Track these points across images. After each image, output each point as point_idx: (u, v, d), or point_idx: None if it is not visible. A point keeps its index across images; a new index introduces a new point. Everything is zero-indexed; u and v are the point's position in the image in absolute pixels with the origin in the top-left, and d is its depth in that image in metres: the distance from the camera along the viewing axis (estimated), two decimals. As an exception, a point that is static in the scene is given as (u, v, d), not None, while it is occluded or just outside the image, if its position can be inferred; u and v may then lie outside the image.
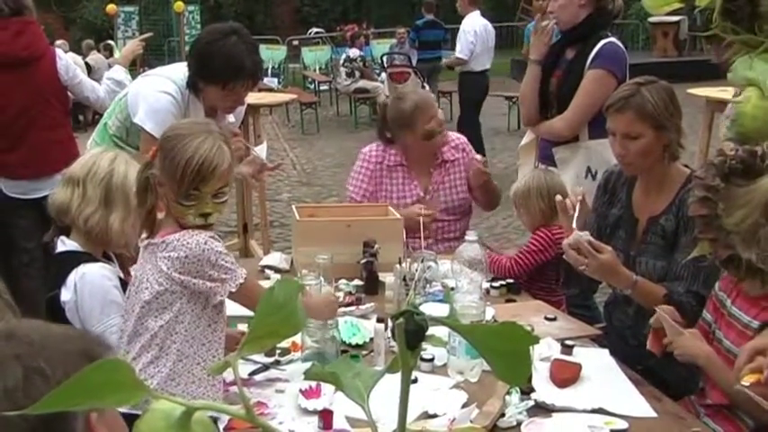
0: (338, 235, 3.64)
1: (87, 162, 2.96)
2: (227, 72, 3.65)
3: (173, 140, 2.47)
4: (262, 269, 3.87)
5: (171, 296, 2.44)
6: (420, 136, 4.14)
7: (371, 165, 4.30)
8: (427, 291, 3.34)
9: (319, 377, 0.83)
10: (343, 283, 3.51)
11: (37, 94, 4.94)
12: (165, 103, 3.75)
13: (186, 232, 2.43)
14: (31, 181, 4.95)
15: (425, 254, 3.52)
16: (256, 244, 6.52)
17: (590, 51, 4.23)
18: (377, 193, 4.27)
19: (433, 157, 4.28)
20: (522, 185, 3.89)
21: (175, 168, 2.44)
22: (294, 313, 0.84)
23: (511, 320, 0.71)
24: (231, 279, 2.45)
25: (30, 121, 4.92)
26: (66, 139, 5.11)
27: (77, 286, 2.79)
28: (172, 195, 2.47)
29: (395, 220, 3.77)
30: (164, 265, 2.42)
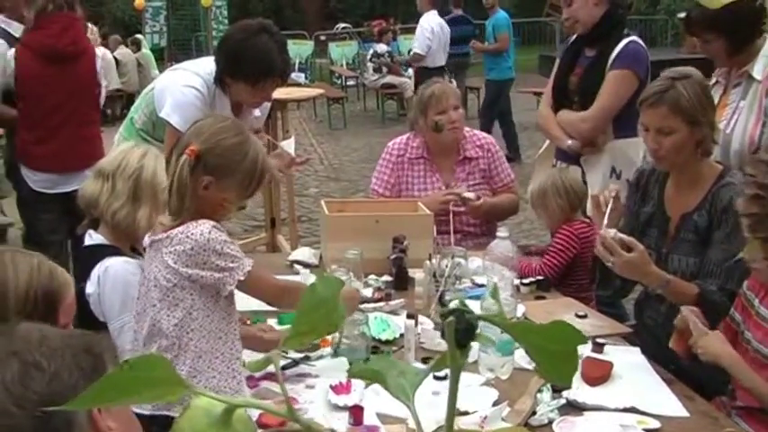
0: (368, 230, 3.63)
1: (117, 156, 2.98)
2: (257, 71, 3.65)
3: (238, 147, 2.48)
4: (291, 264, 3.87)
5: (181, 292, 2.42)
6: (429, 126, 4.21)
7: (393, 157, 4.34)
8: (456, 287, 3.32)
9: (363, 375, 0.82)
10: (372, 279, 3.50)
11: (75, 90, 5.00)
12: (191, 97, 3.75)
13: (189, 224, 2.41)
14: (58, 175, 4.99)
15: (455, 250, 3.51)
16: (284, 239, 6.51)
17: (611, 51, 4.20)
18: (399, 186, 4.30)
19: (455, 152, 4.29)
20: (537, 187, 3.88)
21: (249, 176, 2.49)
22: (335, 310, 0.83)
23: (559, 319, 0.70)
24: (239, 267, 2.42)
25: (65, 117, 4.97)
26: (96, 137, 5.18)
27: (100, 279, 2.82)
28: (231, 198, 2.49)
29: (425, 216, 3.76)
30: (170, 260, 2.40)
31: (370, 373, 0.79)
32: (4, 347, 1.37)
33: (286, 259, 3.98)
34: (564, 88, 4.37)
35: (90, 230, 2.98)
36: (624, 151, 4.10)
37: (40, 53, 4.89)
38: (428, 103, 4.20)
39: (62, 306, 2.11)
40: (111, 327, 2.79)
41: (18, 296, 2.03)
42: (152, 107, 3.91)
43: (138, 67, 16.81)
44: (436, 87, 4.28)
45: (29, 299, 2.03)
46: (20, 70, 4.91)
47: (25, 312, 1.97)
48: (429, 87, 4.29)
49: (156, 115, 3.85)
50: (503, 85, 11.78)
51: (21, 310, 1.98)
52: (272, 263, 4.06)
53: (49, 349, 1.36)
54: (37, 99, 4.95)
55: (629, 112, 3.80)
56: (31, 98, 4.95)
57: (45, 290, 2.06)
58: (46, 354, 1.35)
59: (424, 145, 4.32)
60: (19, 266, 2.06)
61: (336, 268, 3.33)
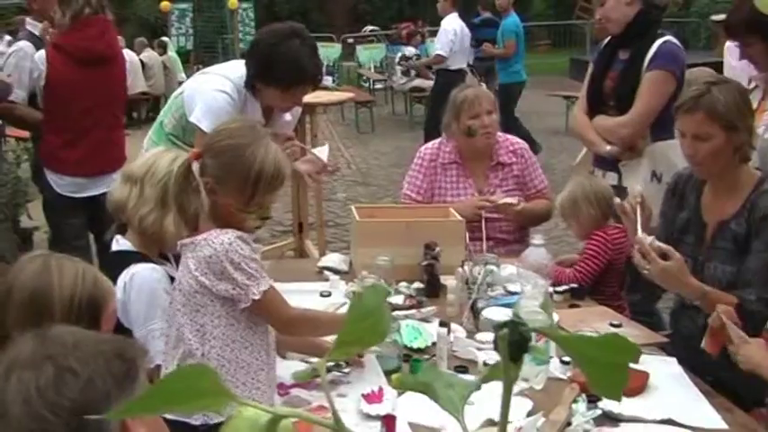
0: (399, 236, 3.63)
1: (147, 161, 2.97)
2: (288, 76, 3.67)
3: (233, 150, 2.43)
4: (320, 270, 3.88)
5: (202, 298, 2.41)
6: (462, 130, 4.21)
7: (426, 162, 4.34)
8: (489, 295, 3.31)
9: (412, 387, 0.82)
10: (403, 286, 3.50)
11: (106, 93, 5.05)
12: (221, 101, 3.76)
13: (212, 232, 2.40)
14: (85, 179, 5.01)
15: (487, 257, 3.50)
16: (311, 244, 6.52)
17: (646, 51, 4.17)
18: (432, 191, 4.30)
19: (488, 158, 4.29)
20: (567, 196, 3.86)
21: (243, 181, 2.42)
22: (381, 320, 0.83)
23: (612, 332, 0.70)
24: (254, 286, 2.39)
25: (95, 120, 5.00)
26: (122, 140, 5.25)
27: (126, 286, 2.80)
28: (234, 204, 2.45)
29: (457, 222, 3.76)
30: (192, 265, 2.40)
31: (419, 384, 0.79)
32: (38, 351, 1.38)
33: (315, 265, 3.98)
34: (599, 93, 4.34)
35: (117, 236, 2.98)
36: (665, 154, 4.07)
37: (74, 56, 4.91)
38: (461, 107, 4.20)
39: (105, 314, 2.13)
40: (136, 334, 2.77)
41: (63, 303, 2.05)
42: (182, 111, 3.93)
43: (164, 70, 16.91)
44: (469, 91, 4.28)
45: (73, 306, 2.06)
46: (51, 73, 4.93)
47: (69, 319, 1.99)
48: (462, 91, 4.29)
49: (186, 120, 3.86)
50: (512, 89, 11.81)
51: (65, 317, 2.01)
52: (300, 269, 4.07)
53: (84, 354, 1.37)
54: (67, 102, 4.97)
55: (668, 113, 3.77)
56: (61, 101, 4.97)
57: (89, 297, 2.09)
58: (80, 359, 1.36)
59: (457, 150, 4.32)
60: (64, 273, 2.09)
61: (367, 275, 3.33)
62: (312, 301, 3.44)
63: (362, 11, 30.15)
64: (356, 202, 9.04)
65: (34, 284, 2.07)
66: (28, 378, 1.34)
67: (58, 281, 2.07)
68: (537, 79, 20.90)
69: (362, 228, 3.77)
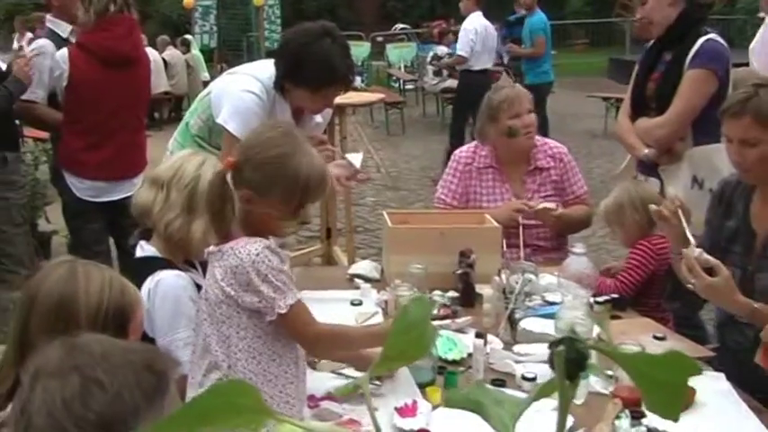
0: (433, 243, 3.63)
1: (174, 164, 2.97)
2: (319, 77, 3.67)
3: (277, 162, 2.43)
4: (351, 278, 3.88)
5: (228, 309, 2.41)
6: (501, 131, 4.19)
7: (461, 166, 4.34)
8: (527, 305, 3.30)
9: (460, 404, 0.81)
10: (437, 295, 3.49)
11: (131, 95, 5.08)
12: (249, 102, 3.77)
13: (240, 240, 2.40)
14: (105, 183, 5.03)
15: (525, 265, 3.49)
16: (340, 250, 6.53)
17: (689, 50, 4.14)
18: (467, 196, 4.30)
19: (526, 162, 4.28)
20: (611, 202, 3.84)
21: (290, 192, 2.44)
22: (425, 333, 0.82)
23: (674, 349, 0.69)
24: (281, 299, 2.38)
25: (120, 122, 5.03)
26: (144, 144, 5.28)
27: (150, 294, 2.80)
28: (276, 214, 2.46)
29: (493, 229, 3.75)
30: (218, 275, 2.40)
31: (467, 402, 0.78)
32: (66, 360, 1.37)
33: (345, 273, 3.99)
34: (641, 95, 4.32)
35: (142, 242, 2.99)
36: (707, 158, 4.03)
37: (99, 56, 4.93)
38: (500, 107, 4.19)
39: (132, 324, 2.13)
40: (159, 344, 2.76)
41: (89, 311, 2.05)
42: (209, 112, 3.94)
43: (187, 69, 17.00)
44: (508, 91, 4.27)
45: (99, 315, 2.06)
46: (74, 73, 4.95)
47: (95, 329, 1.99)
48: (499, 92, 4.28)
49: (213, 121, 3.88)
50: (542, 90, 11.79)
51: (91, 326, 2.00)
52: (330, 276, 4.08)
53: (112, 365, 1.36)
54: (91, 104, 4.98)
55: (711, 115, 3.73)
56: (83, 102, 4.99)
57: (116, 306, 2.09)
58: (108, 370, 1.35)
59: (493, 154, 4.31)
60: (91, 280, 2.09)
61: (399, 283, 3.32)
62: (343, 309, 3.44)
63: (392, 8, 30.20)
64: (385, 207, 9.08)
65: (60, 292, 2.07)
66: (53, 388, 1.34)
67: (85, 288, 2.07)
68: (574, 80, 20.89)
69: (395, 234, 3.76)
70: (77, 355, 1.38)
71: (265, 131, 2.53)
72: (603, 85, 16.48)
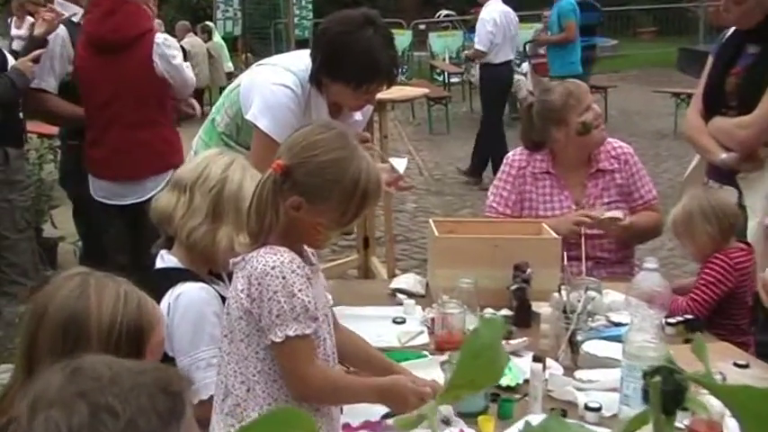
0: (484, 255, 3.63)
1: (199, 165, 2.96)
2: (360, 72, 3.68)
3: (335, 167, 2.44)
4: (393, 293, 3.90)
5: (247, 326, 2.43)
6: (574, 130, 4.16)
7: (514, 170, 4.34)
8: (590, 325, 3.29)
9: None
10: (489, 313, 3.49)
11: (123, 85, 5.01)
12: (282, 97, 3.78)
13: (262, 249, 2.42)
14: (112, 183, 5.04)
15: (588, 281, 3.47)
16: (378, 261, 6.53)
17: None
18: (521, 203, 4.30)
19: (587, 165, 4.27)
20: (680, 212, 3.80)
21: (347, 200, 2.44)
22: (497, 358, 0.83)
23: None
24: (279, 326, 2.37)
25: (113, 116, 5.00)
26: (160, 142, 5.15)
27: (170, 308, 2.80)
28: (326, 222, 2.48)
29: (551, 240, 3.75)
30: (239, 285, 2.42)
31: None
32: (69, 386, 1.36)
33: (386, 287, 4.00)
34: (719, 91, 4.25)
35: (163, 251, 2.99)
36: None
37: (88, 41, 5.00)
38: (565, 108, 4.15)
39: (149, 344, 2.12)
40: (179, 364, 2.77)
41: (101, 330, 2.03)
42: (237, 107, 3.96)
43: (208, 59, 17.09)
44: (570, 85, 4.26)
45: (112, 334, 2.04)
46: (76, 60, 5.08)
47: (108, 349, 1.96)
48: (551, 93, 4.23)
49: (242, 117, 3.90)
50: None
51: (103, 347, 1.98)
52: (369, 290, 4.09)
53: (123, 389, 1.35)
54: (87, 94, 5.06)
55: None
56: (82, 93, 5.09)
57: (132, 324, 2.07)
58: (119, 395, 1.34)
59: (549, 158, 4.31)
60: (104, 295, 2.08)
61: (447, 300, 3.32)
62: (384, 328, 3.46)
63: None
64: (428, 214, 9.09)
65: (70, 308, 2.06)
66: (58, 418, 1.31)
67: (97, 304, 2.06)
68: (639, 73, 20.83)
69: (442, 245, 3.77)
70: (82, 379, 1.37)
71: (316, 132, 2.51)
72: (674, 78, 16.39)
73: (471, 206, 9.71)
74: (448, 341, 3.23)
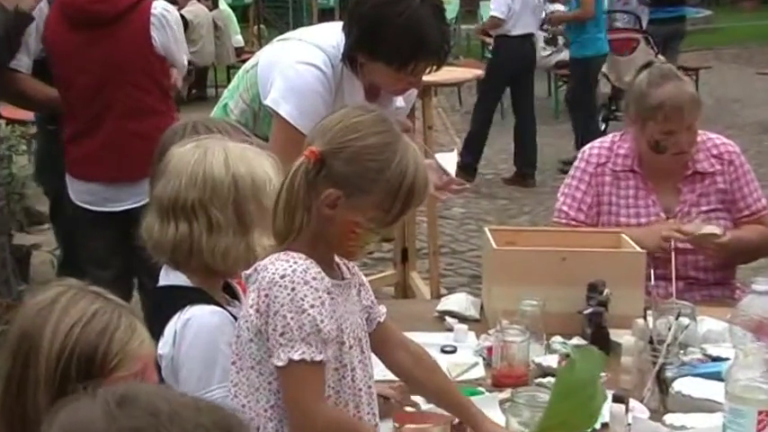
0: (552, 272, 3.63)
1: (192, 176, 2.81)
2: (406, 49, 3.68)
3: (379, 153, 2.46)
4: (440, 316, 3.89)
5: (258, 350, 2.44)
6: (646, 141, 4.13)
7: (591, 168, 4.30)
8: (682, 359, 3.27)
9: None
10: (558, 342, 3.49)
11: (115, 67, 4.97)
12: (309, 78, 3.80)
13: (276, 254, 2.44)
14: (105, 185, 4.99)
15: (680, 305, 3.45)
16: (419, 277, 6.53)
17: None
18: (598, 208, 4.28)
19: (682, 165, 4.23)
20: None
21: (392, 195, 2.46)
22: (595, 396, 0.83)
23: None
24: (285, 347, 2.38)
25: (106, 103, 4.97)
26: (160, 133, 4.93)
27: (177, 336, 2.77)
28: (364, 223, 2.48)
29: (634, 255, 3.74)
30: (250, 300, 2.44)
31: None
32: (122, 422, 1.36)
33: (432, 309, 3.98)
34: None
35: (166, 265, 2.95)
36: None
37: (68, 15, 4.94)
38: (651, 113, 4.05)
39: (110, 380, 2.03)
40: None
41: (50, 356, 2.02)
42: (254, 91, 3.98)
43: (214, 32, 17.09)
44: (670, 95, 4.07)
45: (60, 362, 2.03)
46: (47, 36, 5.01)
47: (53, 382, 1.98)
48: (661, 88, 4.04)
49: (260, 102, 3.92)
50: (591, 65, 11.77)
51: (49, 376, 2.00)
52: (411, 313, 4.04)
53: (184, 429, 1.36)
54: (67, 78, 5.01)
55: None
56: (60, 76, 5.05)
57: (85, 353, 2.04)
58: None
59: (636, 153, 4.27)
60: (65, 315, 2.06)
61: (507, 325, 3.32)
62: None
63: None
64: (478, 222, 9.08)
65: (27, 324, 2.08)
66: None
67: (54, 324, 2.05)
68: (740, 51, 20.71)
69: (501, 259, 3.77)
70: (138, 413, 1.37)
71: (354, 114, 2.53)
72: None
73: (530, 212, 9.70)
74: (508, 375, 3.23)
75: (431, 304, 4.22)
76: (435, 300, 4.65)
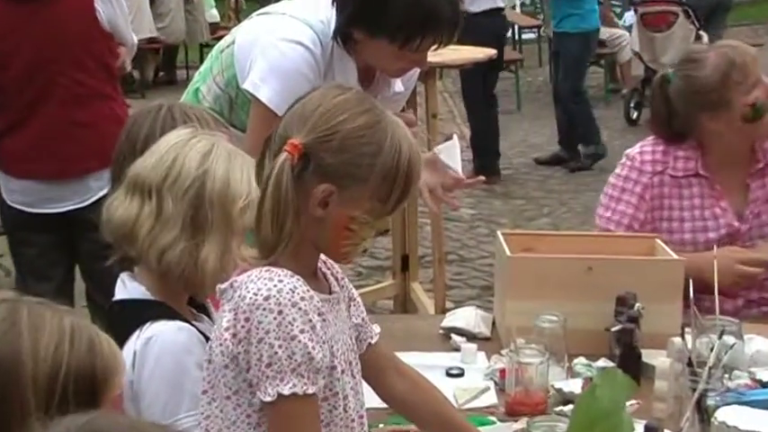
0: (574, 283, 3.65)
1: (165, 158, 2.85)
2: (413, 21, 3.68)
3: (369, 134, 2.45)
4: (445, 333, 3.89)
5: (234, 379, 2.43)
6: (739, 116, 4.06)
7: (645, 177, 4.23)
8: (726, 384, 3.28)
9: None
10: (581, 365, 3.51)
11: (55, 46, 4.99)
12: (294, 59, 3.80)
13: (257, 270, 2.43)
14: (42, 183, 4.97)
15: (724, 322, 3.46)
16: (421, 289, 6.52)
17: None
18: (653, 223, 4.22)
19: (749, 159, 4.23)
20: None
21: (389, 180, 2.45)
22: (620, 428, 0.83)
23: None
24: (271, 380, 2.36)
25: (44, 87, 4.98)
26: (109, 122, 5.06)
27: (137, 358, 2.77)
28: (360, 217, 2.48)
29: (671, 263, 3.74)
30: (225, 322, 2.42)
31: None
32: None
33: (437, 326, 3.98)
34: None
35: (124, 275, 2.95)
36: None
37: None
38: (729, 81, 4.00)
39: (107, 399, 2.10)
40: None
41: (38, 381, 2.00)
42: (231, 73, 3.99)
43: (184, 4, 17.10)
44: (729, 52, 4.08)
45: (56, 385, 2.00)
46: None
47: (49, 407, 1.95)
48: (709, 61, 3.97)
49: (237, 87, 3.93)
50: (587, 41, 11.92)
51: (44, 402, 1.98)
52: (411, 330, 4.06)
53: None
54: (1, 58, 5.01)
55: None
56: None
57: (82, 369, 2.03)
58: None
59: (698, 154, 4.21)
60: (41, 333, 2.04)
61: (523, 344, 3.33)
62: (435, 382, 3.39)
63: None
64: (491, 224, 9.10)
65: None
66: None
67: (32, 345, 2.02)
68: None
69: (516, 268, 3.78)
70: None
71: (332, 95, 2.52)
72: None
73: (550, 214, 9.71)
74: (524, 402, 3.24)
75: (435, 320, 4.23)
76: (440, 315, 4.67)
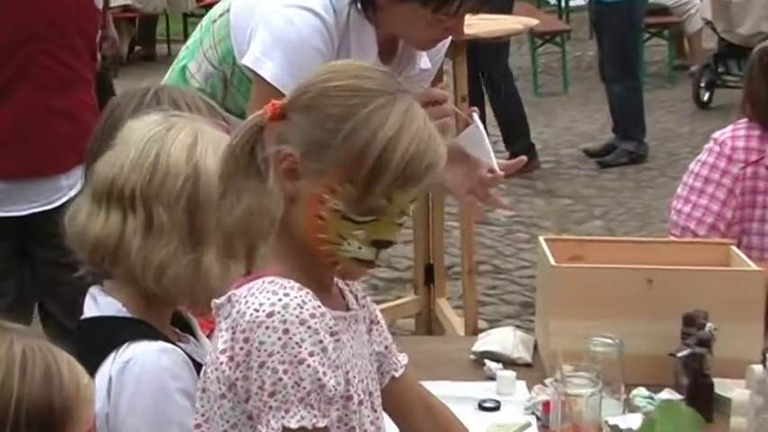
0: (632, 299, 3.65)
1: (143, 156, 2.80)
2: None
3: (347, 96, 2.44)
4: (478, 359, 3.90)
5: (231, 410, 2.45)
6: None
7: (736, 168, 4.26)
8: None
9: None
10: (641, 396, 3.50)
11: (43, 18, 4.98)
12: (303, 29, 3.80)
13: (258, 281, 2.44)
14: (7, 182, 5.01)
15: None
16: (449, 306, 6.52)
17: None
18: (744, 224, 4.26)
19: None
20: None
21: (359, 155, 2.42)
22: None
23: None
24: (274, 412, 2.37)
25: (21, 68, 4.95)
26: (87, 111, 5.08)
27: (113, 386, 2.76)
28: (337, 203, 2.45)
29: (750, 275, 3.73)
30: (220, 343, 2.44)
31: None
32: None
33: (467, 349, 3.98)
34: None
35: (94, 289, 2.93)
36: None
37: None
38: None
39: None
40: None
41: None
42: (225, 47, 4.01)
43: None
44: None
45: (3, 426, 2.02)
46: None
47: None
48: None
49: (233, 63, 3.95)
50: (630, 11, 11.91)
51: None
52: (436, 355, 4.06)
53: None
54: None
55: None
56: None
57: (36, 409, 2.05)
58: None
59: None
60: None
61: (570, 372, 3.32)
62: (466, 416, 3.39)
63: None
64: (532, 228, 9.10)
65: None
66: None
67: None
68: None
69: (562, 280, 3.77)
70: None
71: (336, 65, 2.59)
72: None
73: (604, 215, 9.70)
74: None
75: (465, 343, 4.22)
76: (471, 337, 4.66)
